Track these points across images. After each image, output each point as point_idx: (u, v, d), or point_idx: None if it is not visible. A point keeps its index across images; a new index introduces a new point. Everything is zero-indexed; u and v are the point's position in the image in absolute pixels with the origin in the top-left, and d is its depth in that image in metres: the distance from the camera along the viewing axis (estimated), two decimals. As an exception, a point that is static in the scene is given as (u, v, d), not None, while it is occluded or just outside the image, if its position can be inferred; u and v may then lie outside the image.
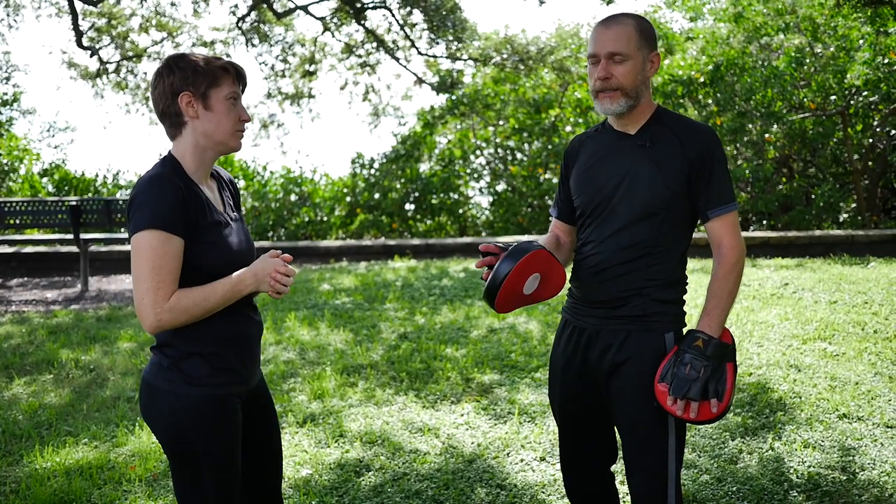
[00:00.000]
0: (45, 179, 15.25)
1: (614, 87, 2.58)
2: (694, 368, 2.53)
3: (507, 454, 4.29)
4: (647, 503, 2.66)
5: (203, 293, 2.34)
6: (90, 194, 14.68)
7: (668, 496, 2.63)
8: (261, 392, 2.64)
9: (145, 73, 15.95)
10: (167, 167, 2.41)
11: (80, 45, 14.19)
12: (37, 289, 9.62)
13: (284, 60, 15.64)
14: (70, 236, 10.14)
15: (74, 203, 9.47)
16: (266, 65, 15.74)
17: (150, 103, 14.78)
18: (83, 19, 14.62)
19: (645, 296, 2.62)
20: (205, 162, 2.47)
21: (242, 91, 2.51)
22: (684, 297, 2.72)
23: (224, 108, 2.43)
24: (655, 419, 2.61)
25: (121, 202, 9.63)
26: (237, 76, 2.47)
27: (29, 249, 11.04)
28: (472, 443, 4.44)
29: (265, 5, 14.23)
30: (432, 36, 14.35)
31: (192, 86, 2.38)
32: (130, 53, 15.36)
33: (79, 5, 13.81)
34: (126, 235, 10.20)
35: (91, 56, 15.02)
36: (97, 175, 15.18)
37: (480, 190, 14.99)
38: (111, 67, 15.58)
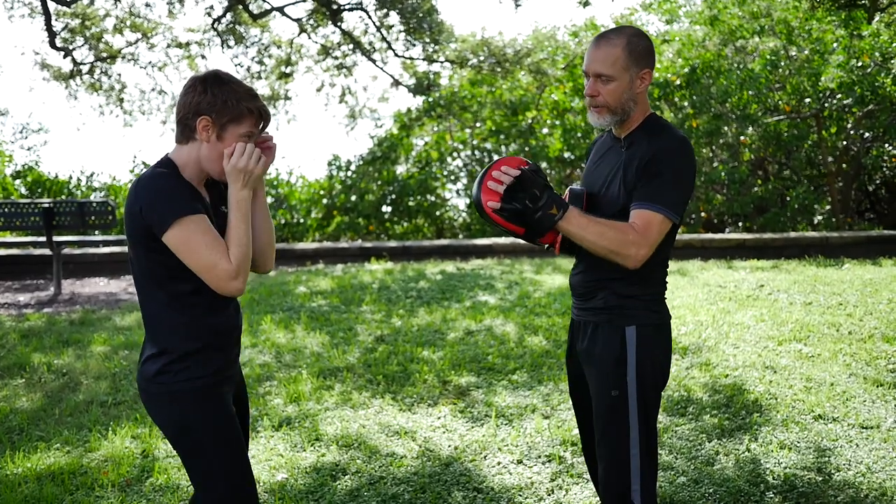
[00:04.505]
0: (17, 181, 15.05)
1: (600, 104, 2.68)
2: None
3: (485, 457, 4.27)
4: (611, 492, 2.72)
5: (234, 232, 2.46)
6: (63, 196, 14.51)
7: (631, 489, 2.67)
8: (241, 396, 2.76)
9: (119, 75, 15.83)
10: (166, 168, 2.50)
11: (53, 45, 14.03)
12: (9, 292, 9.50)
13: (260, 62, 15.54)
14: (43, 239, 10.01)
15: (47, 205, 9.36)
16: (242, 66, 15.61)
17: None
18: (56, 20, 14.45)
19: (609, 290, 2.71)
20: (201, 173, 2.56)
21: (263, 129, 2.58)
22: (656, 294, 2.75)
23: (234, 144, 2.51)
24: (615, 410, 2.68)
25: (94, 204, 9.53)
26: (261, 118, 2.54)
27: (1, 252, 10.90)
28: (449, 446, 4.42)
29: (241, 6, 14.14)
30: (409, 38, 14.32)
31: (216, 114, 2.46)
32: (104, 54, 15.20)
33: (52, 6, 13.66)
34: (99, 238, 10.08)
35: (64, 57, 14.86)
36: (70, 177, 15.00)
37: (457, 192, 14.98)
38: (85, 69, 15.42)
